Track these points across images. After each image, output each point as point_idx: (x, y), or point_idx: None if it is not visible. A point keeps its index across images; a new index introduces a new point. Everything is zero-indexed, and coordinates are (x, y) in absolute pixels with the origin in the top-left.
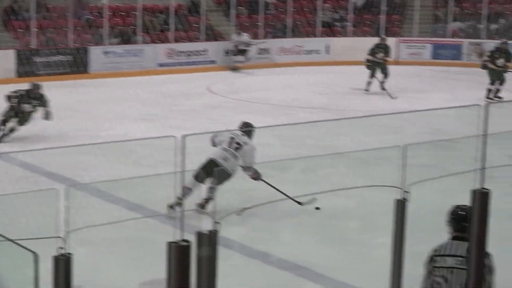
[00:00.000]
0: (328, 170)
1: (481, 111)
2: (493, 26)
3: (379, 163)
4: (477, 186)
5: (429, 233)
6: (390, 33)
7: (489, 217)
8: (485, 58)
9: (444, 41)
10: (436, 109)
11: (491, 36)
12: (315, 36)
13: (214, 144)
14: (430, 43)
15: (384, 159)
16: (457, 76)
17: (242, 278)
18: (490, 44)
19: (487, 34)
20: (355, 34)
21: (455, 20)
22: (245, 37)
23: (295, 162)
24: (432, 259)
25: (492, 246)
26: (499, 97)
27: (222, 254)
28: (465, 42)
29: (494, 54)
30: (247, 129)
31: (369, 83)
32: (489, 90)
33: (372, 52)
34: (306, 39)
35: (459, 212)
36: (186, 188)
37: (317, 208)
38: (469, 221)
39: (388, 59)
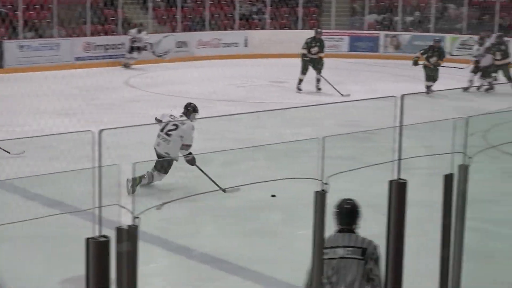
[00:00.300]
0: (249, 163)
1: (397, 102)
2: (409, 19)
3: (298, 155)
4: (394, 176)
5: None
6: (307, 25)
7: (406, 207)
8: (418, 55)
9: (361, 33)
10: (353, 101)
11: (407, 28)
12: (233, 29)
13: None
14: (348, 36)
15: (303, 151)
16: (374, 68)
17: (163, 273)
18: (405, 36)
19: (403, 26)
20: (273, 27)
21: (371, 12)
22: (143, 34)
23: (215, 156)
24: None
25: (409, 235)
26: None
27: (143, 249)
28: (382, 34)
29: (428, 52)
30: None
31: (300, 81)
32: (428, 87)
33: (308, 46)
34: (225, 32)
35: (345, 206)
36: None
37: (273, 196)
38: (354, 216)
39: (322, 55)
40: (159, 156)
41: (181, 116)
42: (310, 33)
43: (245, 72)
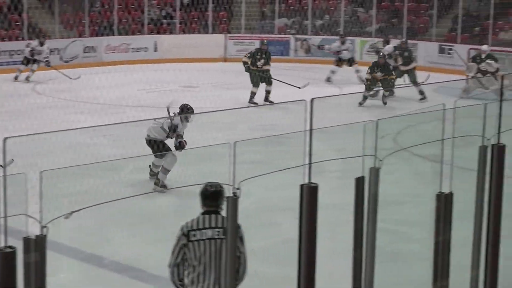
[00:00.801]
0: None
1: (308, 106)
2: (319, 22)
3: (211, 160)
4: (305, 180)
5: (261, 228)
6: (218, 30)
7: (317, 210)
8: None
9: (271, 37)
10: (265, 105)
11: (317, 32)
12: (142, 33)
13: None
14: (258, 40)
15: (216, 156)
16: (285, 72)
17: (73, 283)
18: (316, 40)
19: (313, 30)
20: (182, 31)
21: (281, 16)
22: (45, 47)
23: (126, 162)
24: (188, 234)
25: (322, 238)
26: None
27: (52, 259)
28: (292, 38)
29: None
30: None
31: (253, 95)
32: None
33: (253, 58)
34: (133, 36)
35: (210, 189)
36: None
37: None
38: (219, 197)
39: (268, 67)
40: (149, 142)
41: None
42: (221, 37)
43: (156, 77)
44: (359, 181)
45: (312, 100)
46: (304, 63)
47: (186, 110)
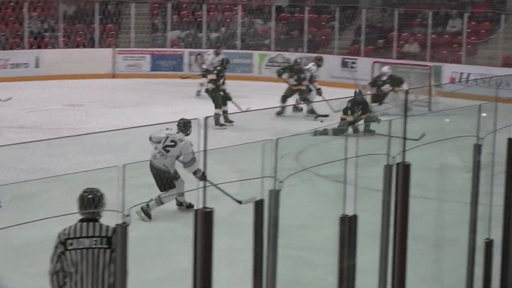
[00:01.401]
0: (44, 196)
1: (201, 124)
2: (214, 35)
3: (98, 185)
4: (200, 205)
5: (153, 257)
6: (105, 43)
7: (213, 237)
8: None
9: (163, 51)
10: (156, 124)
11: (211, 45)
12: (22, 48)
13: (153, 144)
14: (149, 54)
15: (104, 181)
16: (179, 88)
17: None
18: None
19: (207, 43)
20: (67, 46)
21: (174, 29)
22: None
23: (6, 189)
24: (65, 243)
25: (220, 266)
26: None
27: None
28: (186, 52)
29: (220, 74)
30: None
31: (217, 115)
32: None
33: (219, 77)
34: (12, 51)
35: (87, 195)
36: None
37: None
38: (97, 204)
39: (224, 87)
40: (154, 168)
41: (177, 133)
42: (108, 52)
43: (37, 95)
44: (258, 205)
45: (206, 118)
46: (199, 78)
47: (188, 125)
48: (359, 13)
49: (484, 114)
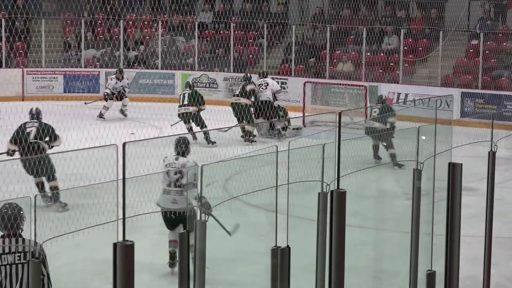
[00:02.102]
0: None
1: (120, 151)
2: (132, 54)
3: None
4: (119, 238)
5: None
6: (14, 63)
7: (134, 272)
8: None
9: (77, 71)
10: (71, 151)
11: (130, 64)
12: None
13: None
14: (62, 75)
15: None
16: (96, 111)
17: None
18: (130, 74)
19: (127, 62)
20: None
21: (88, 47)
22: None
23: None
24: None
25: None
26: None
27: None
28: (102, 71)
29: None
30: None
31: (194, 137)
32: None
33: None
34: None
35: (4, 211)
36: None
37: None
38: (16, 219)
39: (202, 108)
40: (170, 214)
41: (177, 159)
42: (17, 72)
43: None
44: (183, 237)
45: (124, 144)
46: (117, 101)
47: (188, 145)
48: (289, 30)
49: (423, 137)
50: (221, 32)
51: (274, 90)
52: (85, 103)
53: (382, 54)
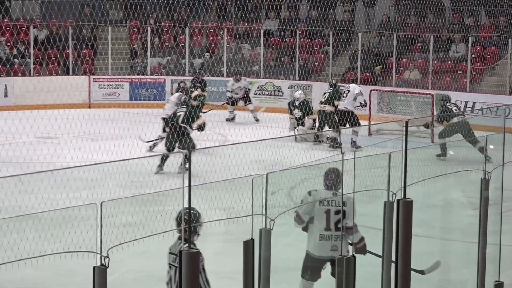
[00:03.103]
0: (14, 236)
1: (184, 158)
2: (198, 61)
3: (74, 224)
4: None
5: None
6: (80, 71)
7: (199, 278)
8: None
9: (143, 79)
10: (136, 158)
11: (196, 72)
12: None
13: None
14: (128, 82)
15: (79, 219)
16: (160, 119)
17: None
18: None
19: (192, 69)
20: (38, 73)
21: (154, 55)
22: None
23: None
24: (168, 256)
25: None
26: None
27: None
28: (168, 79)
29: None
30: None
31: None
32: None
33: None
34: None
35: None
36: None
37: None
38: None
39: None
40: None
41: (335, 195)
42: (84, 80)
43: (6, 127)
44: (248, 245)
45: (190, 152)
46: (223, 109)
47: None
48: (355, 37)
49: (491, 146)
50: (287, 39)
51: (355, 93)
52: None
53: (449, 62)
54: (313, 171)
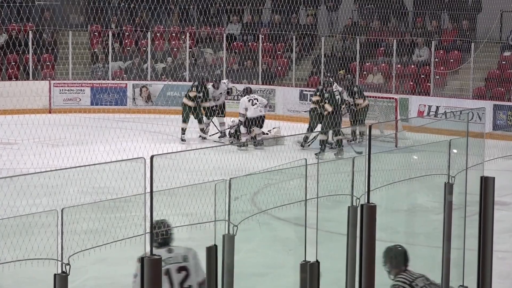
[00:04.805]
0: None
1: (148, 164)
2: (160, 66)
3: (34, 231)
4: (147, 252)
5: None
6: (41, 76)
7: (161, 285)
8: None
9: (104, 84)
10: (98, 164)
11: (158, 77)
12: None
13: None
14: (89, 87)
15: (40, 226)
16: (122, 124)
17: None
18: (157, 86)
19: (154, 74)
20: None
21: (116, 59)
22: None
23: None
24: None
25: None
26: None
27: None
28: (129, 84)
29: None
30: None
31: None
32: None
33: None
34: None
35: None
36: None
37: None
38: None
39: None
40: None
41: (170, 251)
42: (44, 85)
43: None
44: (211, 251)
45: (152, 157)
46: (144, 113)
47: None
48: (318, 41)
49: (454, 151)
50: (250, 44)
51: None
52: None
53: (412, 66)
54: (276, 176)
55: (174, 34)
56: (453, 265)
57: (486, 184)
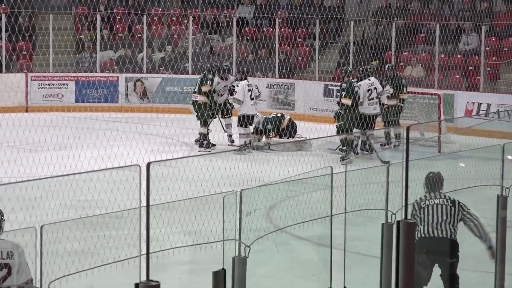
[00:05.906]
0: None
1: (143, 172)
2: (158, 56)
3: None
4: (143, 277)
5: None
6: (17, 67)
7: None
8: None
9: (92, 77)
10: (85, 172)
11: (155, 68)
12: None
13: None
14: (73, 81)
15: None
16: (113, 125)
17: None
18: (154, 80)
19: (151, 65)
20: None
21: (105, 48)
22: None
23: None
24: None
25: None
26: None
27: None
28: (121, 77)
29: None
30: None
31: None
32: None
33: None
34: None
35: None
36: None
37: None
38: None
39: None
40: None
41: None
42: (20, 78)
43: None
44: (218, 276)
45: (148, 164)
46: (138, 112)
47: None
48: (346, 26)
49: (509, 157)
50: (265, 29)
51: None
52: None
53: (459, 56)
54: (296, 187)
55: (174, 18)
56: None
57: None
